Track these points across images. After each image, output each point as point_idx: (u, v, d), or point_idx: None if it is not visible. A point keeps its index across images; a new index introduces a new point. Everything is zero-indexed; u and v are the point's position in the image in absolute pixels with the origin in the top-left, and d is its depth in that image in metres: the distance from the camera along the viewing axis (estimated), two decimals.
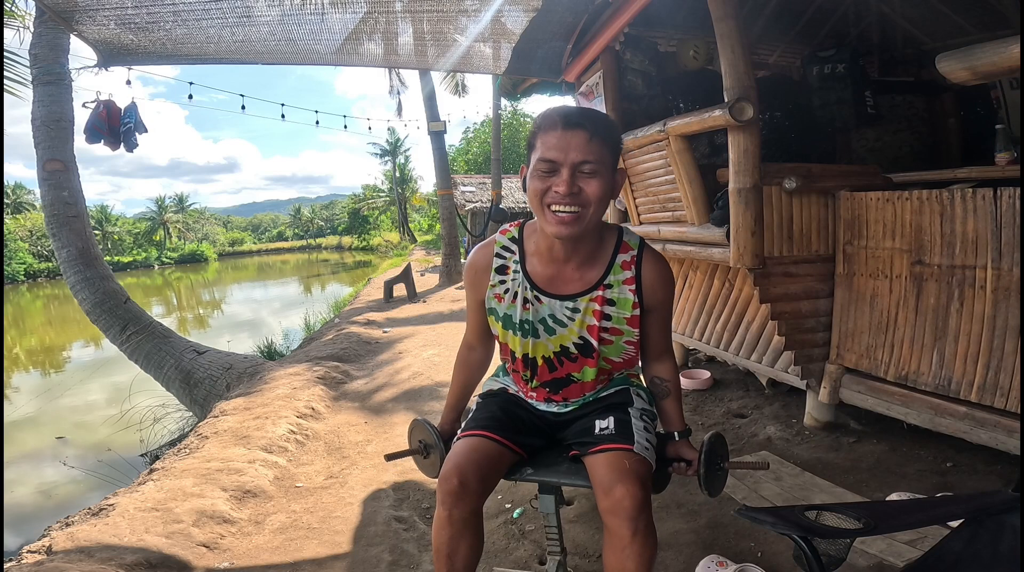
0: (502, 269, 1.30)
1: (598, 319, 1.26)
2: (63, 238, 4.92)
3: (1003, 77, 3.05)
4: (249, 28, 2.74)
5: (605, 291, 1.25)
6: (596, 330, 1.26)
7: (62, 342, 13.06)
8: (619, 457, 1.20)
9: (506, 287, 1.29)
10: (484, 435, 1.29)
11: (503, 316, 1.30)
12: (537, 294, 1.27)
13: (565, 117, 1.13)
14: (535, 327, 1.28)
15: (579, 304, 1.26)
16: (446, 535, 1.20)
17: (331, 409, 3.77)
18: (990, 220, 1.85)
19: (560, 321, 1.27)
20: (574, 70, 3.66)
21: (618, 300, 1.26)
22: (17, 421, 6.20)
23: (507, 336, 1.32)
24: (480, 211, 15.84)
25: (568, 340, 1.28)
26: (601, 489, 1.18)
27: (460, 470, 1.21)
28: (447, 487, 1.20)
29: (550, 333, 1.28)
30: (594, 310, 1.25)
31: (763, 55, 4.13)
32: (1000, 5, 3.24)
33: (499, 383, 1.48)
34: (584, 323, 1.26)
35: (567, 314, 1.27)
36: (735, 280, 2.93)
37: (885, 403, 2.27)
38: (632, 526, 1.12)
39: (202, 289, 27.48)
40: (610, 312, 1.26)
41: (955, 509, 1.08)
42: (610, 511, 1.15)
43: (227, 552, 2.08)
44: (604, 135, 1.13)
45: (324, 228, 62.87)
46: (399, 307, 8.39)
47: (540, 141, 1.14)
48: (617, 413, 1.32)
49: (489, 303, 1.32)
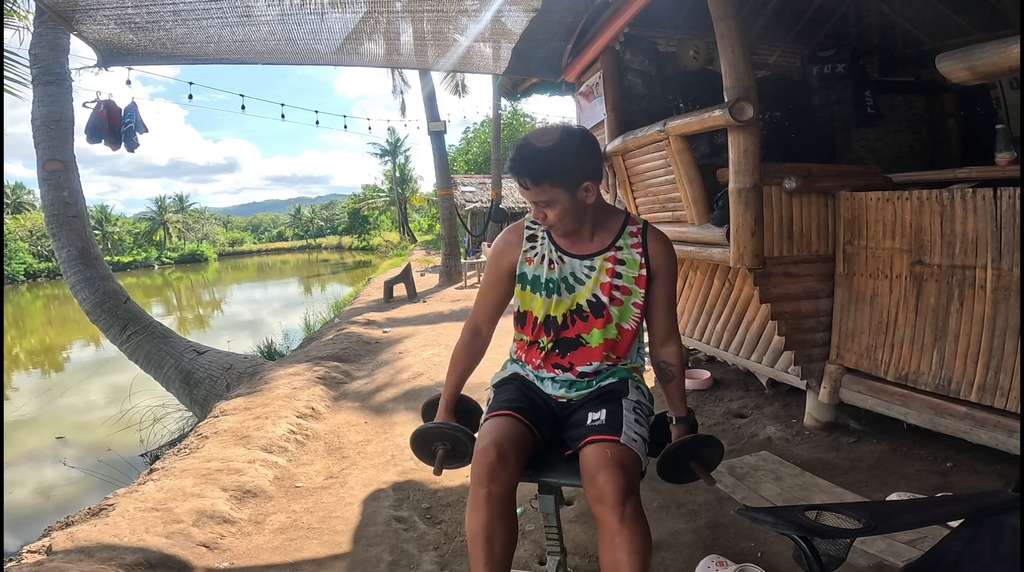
0: (532, 238, 1.46)
1: (610, 277, 1.40)
2: (63, 238, 4.92)
3: (1003, 77, 3.05)
4: (249, 28, 2.74)
5: (616, 252, 1.41)
6: (608, 287, 1.39)
7: (62, 342, 13.06)
8: (603, 448, 1.23)
9: (535, 251, 1.44)
10: (512, 415, 1.33)
11: (532, 278, 1.43)
12: (561, 254, 1.42)
13: (509, 166, 1.31)
14: (558, 285, 1.41)
15: (595, 262, 1.41)
16: (484, 516, 1.18)
17: (331, 409, 3.77)
18: (990, 220, 1.85)
19: (579, 278, 1.41)
20: (574, 70, 3.66)
21: (627, 260, 1.41)
22: (17, 421, 6.20)
23: (531, 300, 1.43)
24: (480, 211, 15.85)
25: (583, 297, 1.41)
26: (586, 479, 1.20)
27: (498, 444, 1.22)
28: (486, 461, 1.20)
29: (570, 290, 1.41)
30: (607, 269, 1.40)
31: (763, 55, 4.13)
32: (1000, 5, 3.24)
33: (508, 371, 1.54)
34: (598, 281, 1.40)
35: (585, 272, 1.41)
36: (735, 280, 2.93)
37: (885, 403, 2.27)
38: (618, 512, 1.13)
39: (202, 289, 27.47)
40: (620, 270, 1.40)
41: (955, 509, 1.08)
42: (595, 499, 1.16)
43: (227, 552, 2.08)
44: (549, 174, 1.27)
45: (324, 228, 62.85)
46: (399, 307, 8.39)
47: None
48: (610, 405, 1.35)
49: (520, 268, 1.44)
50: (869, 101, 3.40)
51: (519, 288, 1.45)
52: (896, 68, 3.90)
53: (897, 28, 3.89)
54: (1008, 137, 2.29)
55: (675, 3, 3.26)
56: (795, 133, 3.68)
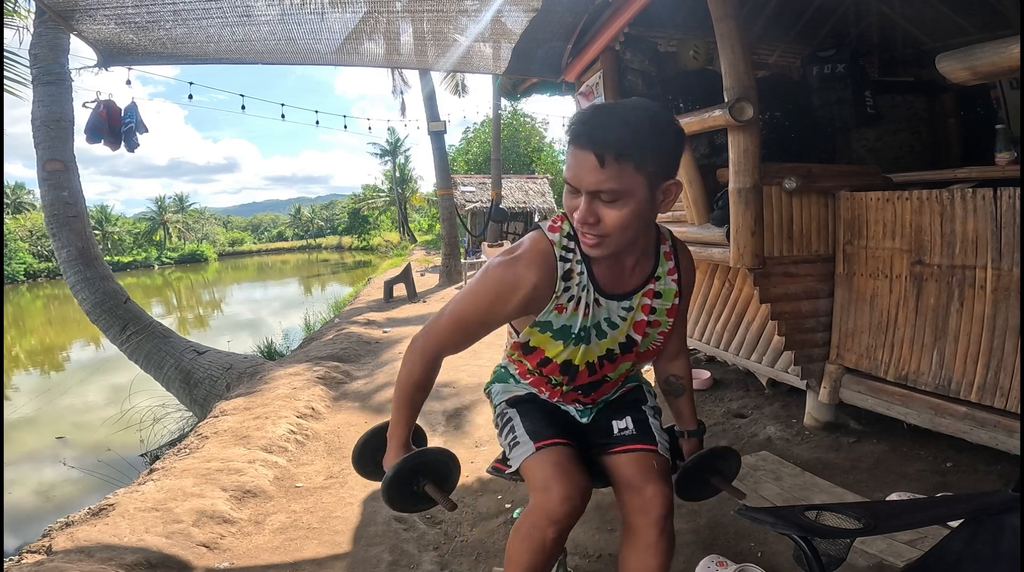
0: (567, 274, 1.09)
1: (647, 313, 1.18)
2: (63, 238, 4.92)
3: (1003, 77, 3.05)
4: (249, 27, 2.74)
5: (655, 284, 1.17)
6: (643, 325, 1.19)
7: (62, 342, 13.06)
8: (647, 457, 1.21)
9: (570, 294, 1.10)
10: (568, 443, 1.19)
11: (559, 327, 1.13)
12: (598, 297, 1.13)
13: (577, 132, 0.94)
14: (589, 333, 1.14)
15: (633, 302, 1.16)
16: (544, 558, 1.11)
17: (331, 409, 3.77)
18: (990, 220, 1.85)
19: (614, 323, 1.16)
20: (574, 70, 3.66)
21: (663, 291, 1.19)
22: (17, 421, 6.20)
23: (548, 343, 1.17)
24: (480, 211, 15.83)
25: (616, 342, 1.18)
26: (630, 489, 1.18)
27: (580, 488, 1.11)
28: (568, 508, 1.08)
29: (601, 337, 1.16)
30: (644, 305, 1.17)
31: (763, 55, 4.13)
32: (1000, 5, 3.24)
33: (522, 389, 1.34)
34: (633, 320, 1.18)
35: (621, 315, 1.16)
36: (735, 280, 2.93)
37: (885, 403, 2.27)
38: (660, 526, 1.13)
39: (202, 289, 27.47)
40: (656, 305, 1.19)
41: (955, 509, 1.08)
42: (640, 510, 1.15)
43: (227, 552, 2.08)
44: (636, 153, 0.92)
45: (324, 228, 62.86)
46: (399, 307, 8.39)
47: (568, 152, 0.98)
48: (632, 412, 1.31)
49: (544, 317, 1.12)
50: (869, 101, 3.40)
51: (534, 330, 1.15)
52: (896, 68, 3.90)
53: (897, 28, 3.89)
54: (1008, 137, 2.30)
55: (675, 3, 3.26)
56: (795, 133, 3.68)
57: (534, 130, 25.55)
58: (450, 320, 1.14)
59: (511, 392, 1.35)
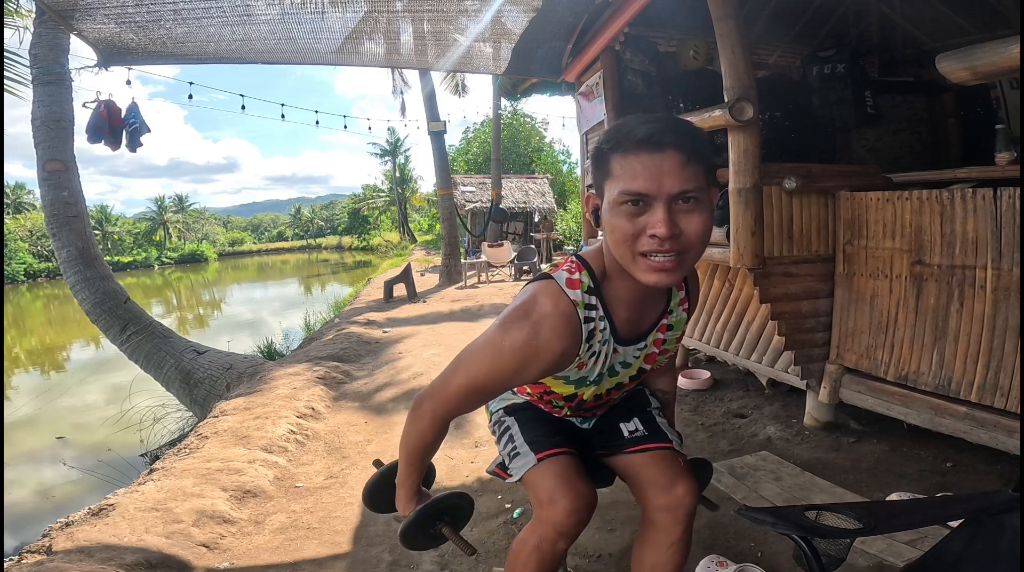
0: (591, 334, 1.03)
1: (658, 347, 1.16)
2: (63, 238, 4.92)
3: (1003, 77, 3.05)
4: (249, 27, 2.74)
5: (667, 318, 1.13)
6: (654, 357, 1.17)
7: (62, 342, 13.05)
8: (673, 455, 1.21)
9: (593, 352, 1.06)
10: (570, 452, 1.19)
11: (576, 378, 1.12)
12: (616, 346, 1.09)
13: (652, 134, 0.85)
14: (602, 377, 1.13)
15: (647, 341, 1.12)
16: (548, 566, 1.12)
17: (331, 409, 3.77)
18: (990, 220, 1.86)
19: (627, 364, 1.14)
20: (574, 70, 3.67)
21: (675, 323, 1.15)
22: (17, 421, 6.20)
23: (558, 386, 1.16)
24: (480, 211, 15.82)
25: (627, 376, 1.17)
26: (655, 486, 1.17)
27: (586, 498, 1.11)
28: (575, 520, 1.09)
29: (612, 375, 1.15)
30: (656, 340, 1.14)
31: (763, 55, 4.13)
32: (1000, 5, 3.24)
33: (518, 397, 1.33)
34: (644, 354, 1.15)
35: (634, 355, 1.13)
36: (735, 280, 2.93)
37: (885, 403, 2.27)
38: (685, 523, 1.14)
39: (202, 289, 27.47)
40: (667, 336, 1.16)
41: (955, 509, 1.08)
42: (667, 508, 1.15)
43: (227, 552, 2.08)
44: (701, 154, 0.87)
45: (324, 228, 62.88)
46: (399, 307, 8.39)
47: (619, 166, 0.87)
48: (639, 413, 1.31)
49: (565, 372, 1.09)
50: (869, 101, 3.40)
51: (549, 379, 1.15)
52: (896, 68, 3.90)
53: (897, 28, 3.89)
54: (1008, 137, 2.30)
55: (675, 3, 3.26)
56: (795, 133, 3.68)
57: (534, 130, 25.54)
58: (464, 386, 1.06)
59: (508, 400, 1.33)
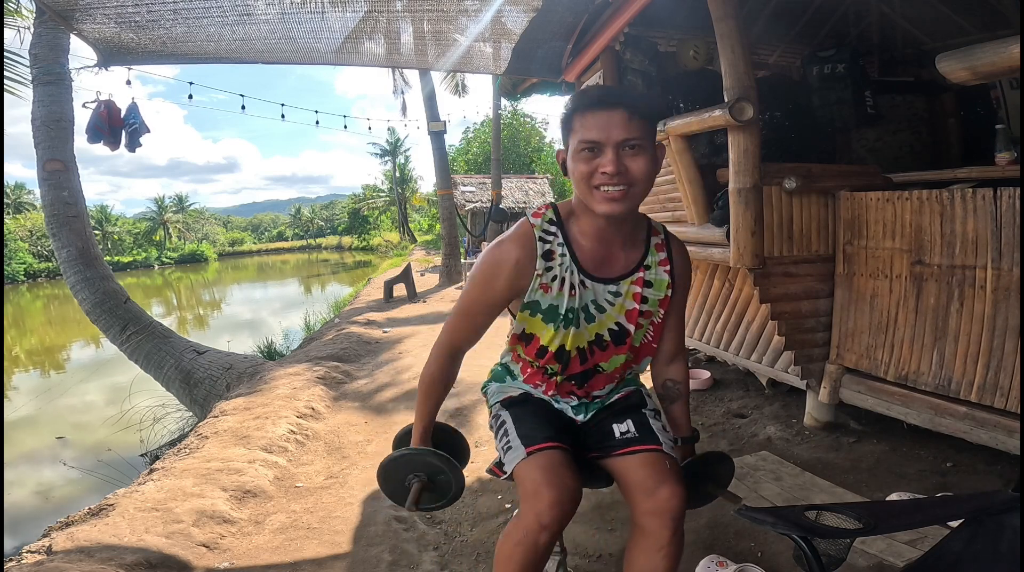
0: (548, 254, 1.17)
1: (638, 302, 1.22)
2: (63, 238, 4.93)
3: (1003, 77, 3.05)
4: (249, 26, 2.74)
5: (645, 273, 1.23)
6: (635, 314, 1.22)
7: (62, 342, 13.06)
8: (659, 458, 1.20)
9: (553, 274, 1.18)
10: (559, 446, 1.20)
11: (547, 307, 1.20)
12: (583, 278, 1.19)
13: (603, 96, 1.10)
14: (577, 315, 1.20)
15: (621, 287, 1.21)
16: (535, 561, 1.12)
17: (331, 409, 3.77)
18: (990, 220, 1.86)
19: (601, 307, 1.22)
20: (574, 70, 3.66)
21: (655, 281, 1.24)
22: (17, 421, 6.20)
23: (541, 328, 1.23)
24: (480, 211, 15.83)
25: (604, 327, 1.23)
26: (641, 490, 1.17)
27: (570, 492, 1.12)
28: (558, 512, 1.09)
29: (589, 321, 1.22)
30: (635, 293, 1.22)
31: (763, 55, 4.13)
32: (1000, 5, 3.24)
33: (516, 388, 1.37)
34: (624, 307, 1.22)
35: (608, 299, 1.22)
36: (735, 280, 2.93)
37: (885, 403, 2.27)
38: (673, 527, 1.13)
39: (202, 289, 27.47)
40: (648, 294, 1.23)
41: (955, 509, 1.08)
42: (653, 512, 1.14)
43: (227, 552, 2.08)
44: (644, 112, 1.09)
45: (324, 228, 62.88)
46: (399, 307, 8.39)
47: (579, 122, 1.10)
48: (633, 415, 1.31)
49: (531, 296, 1.19)
50: (869, 101, 3.40)
51: (525, 313, 1.23)
52: (896, 68, 3.90)
53: (897, 28, 3.89)
54: (1008, 137, 2.29)
55: (675, 3, 3.25)
56: (795, 133, 3.68)
57: (534, 130, 25.55)
58: (455, 312, 1.26)
59: (505, 392, 1.37)
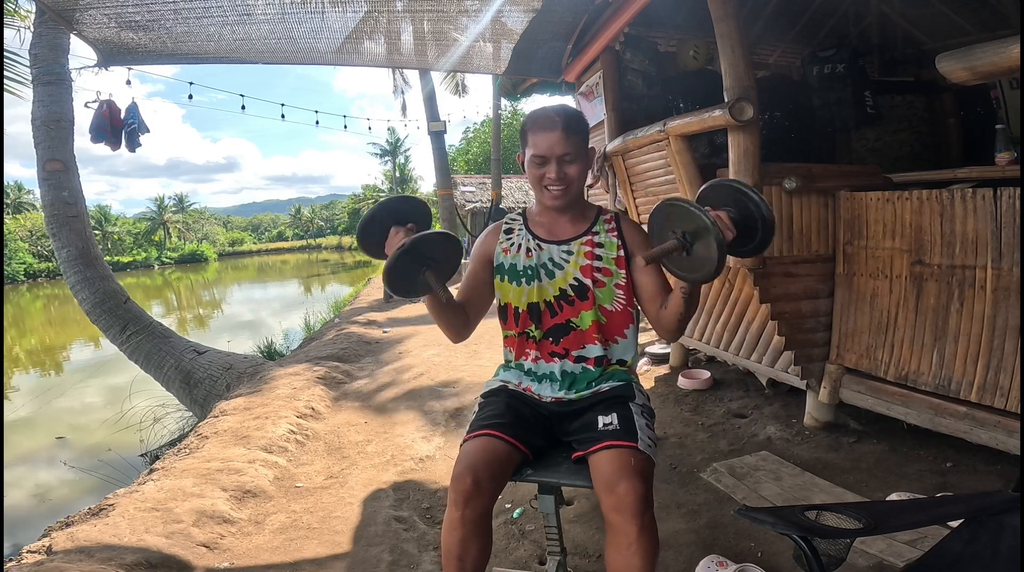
0: (509, 230, 1.52)
1: (590, 259, 1.43)
2: (63, 238, 4.92)
3: (1003, 77, 3.05)
4: (249, 26, 2.74)
5: (594, 237, 1.46)
6: (589, 269, 1.43)
7: (62, 342, 13.05)
8: (624, 454, 1.22)
9: (512, 241, 1.49)
10: (493, 434, 1.32)
11: (508, 267, 1.47)
12: (538, 242, 1.47)
13: (545, 119, 1.37)
14: (537, 271, 1.44)
15: (572, 246, 1.45)
16: (457, 536, 1.21)
17: (331, 409, 3.77)
18: (990, 220, 1.85)
19: (558, 264, 1.45)
20: (574, 70, 3.66)
21: (605, 243, 1.45)
22: (16, 421, 6.20)
23: (509, 290, 1.46)
24: (480, 211, 15.84)
25: (566, 282, 1.44)
26: (605, 487, 1.19)
27: (474, 470, 1.23)
28: (461, 487, 1.22)
29: (550, 276, 1.44)
30: (585, 252, 1.44)
31: (763, 55, 4.13)
32: (1000, 5, 3.24)
33: (499, 381, 1.52)
34: (578, 264, 1.44)
35: (563, 257, 1.45)
36: (735, 280, 2.93)
37: (885, 403, 2.27)
38: (638, 523, 1.13)
39: (202, 289, 27.47)
40: (600, 253, 1.44)
41: (955, 509, 1.08)
42: (614, 508, 1.16)
43: (227, 552, 2.08)
44: (575, 129, 1.38)
45: (324, 228, 62.92)
46: (399, 307, 8.39)
47: (531, 138, 1.39)
48: (619, 409, 1.34)
49: (497, 258, 1.49)
50: (869, 101, 3.40)
51: (497, 280, 1.48)
52: (896, 68, 3.90)
53: (897, 28, 3.89)
54: (1008, 137, 2.30)
55: (675, 3, 3.26)
56: (795, 133, 3.68)
57: None
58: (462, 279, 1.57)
59: (490, 385, 1.53)
